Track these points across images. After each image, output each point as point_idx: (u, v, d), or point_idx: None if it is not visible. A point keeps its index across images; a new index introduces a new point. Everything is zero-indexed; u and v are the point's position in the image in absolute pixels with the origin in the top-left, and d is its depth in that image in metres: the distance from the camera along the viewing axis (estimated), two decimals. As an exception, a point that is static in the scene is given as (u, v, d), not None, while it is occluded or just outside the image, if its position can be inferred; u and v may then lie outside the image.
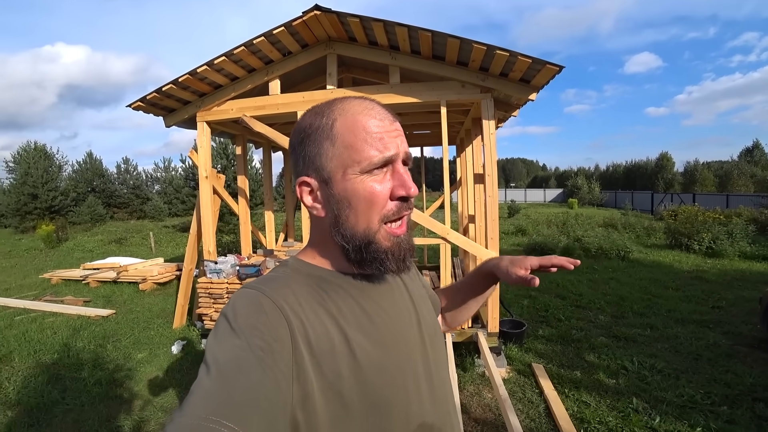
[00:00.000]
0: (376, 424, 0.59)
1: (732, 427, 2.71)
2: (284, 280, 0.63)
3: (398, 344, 0.65)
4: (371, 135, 0.60)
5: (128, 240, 14.37)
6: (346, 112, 0.62)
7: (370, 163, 0.60)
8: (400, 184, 0.62)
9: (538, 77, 3.48)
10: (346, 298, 0.63)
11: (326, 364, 0.56)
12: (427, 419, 0.65)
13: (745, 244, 9.05)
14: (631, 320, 4.87)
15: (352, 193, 0.61)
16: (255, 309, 0.56)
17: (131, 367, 3.91)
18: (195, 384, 0.49)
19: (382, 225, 0.62)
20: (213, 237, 4.55)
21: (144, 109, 4.22)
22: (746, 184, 27.42)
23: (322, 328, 0.58)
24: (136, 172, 26.75)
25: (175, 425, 0.44)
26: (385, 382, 0.60)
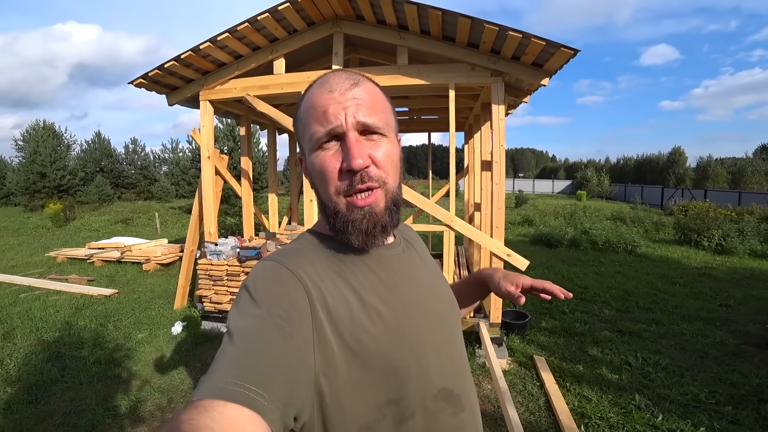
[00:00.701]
0: (396, 387, 0.60)
1: (736, 428, 2.64)
2: (302, 251, 0.65)
3: (416, 312, 0.66)
4: (316, 110, 0.62)
5: (134, 220, 14.45)
6: (309, 90, 0.65)
7: (316, 138, 0.62)
8: (344, 157, 0.61)
9: (551, 61, 3.34)
10: (362, 267, 0.65)
11: (346, 330, 0.58)
12: (448, 385, 0.67)
13: (756, 243, 8.85)
14: (637, 315, 4.78)
15: (312, 169, 0.65)
16: (274, 280, 0.58)
17: (131, 347, 3.91)
18: (219, 352, 0.51)
19: (343, 197, 0.62)
20: (214, 218, 4.51)
21: (146, 86, 4.14)
22: (760, 182, 26.92)
23: (340, 296, 0.60)
24: (144, 152, 26.85)
25: (202, 389, 0.46)
26: (405, 346, 0.62)
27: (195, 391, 0.46)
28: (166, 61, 3.83)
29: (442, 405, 0.65)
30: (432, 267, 0.79)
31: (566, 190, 41.69)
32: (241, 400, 0.45)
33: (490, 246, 3.66)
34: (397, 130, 0.70)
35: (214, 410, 0.43)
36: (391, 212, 0.65)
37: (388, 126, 0.65)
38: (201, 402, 0.44)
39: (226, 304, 4.17)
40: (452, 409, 0.67)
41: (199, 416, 0.42)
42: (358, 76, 0.65)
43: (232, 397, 0.44)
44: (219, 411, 0.43)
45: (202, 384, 0.47)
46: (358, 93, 0.63)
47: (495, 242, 3.65)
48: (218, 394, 0.45)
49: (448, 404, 0.66)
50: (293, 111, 0.66)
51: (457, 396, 0.68)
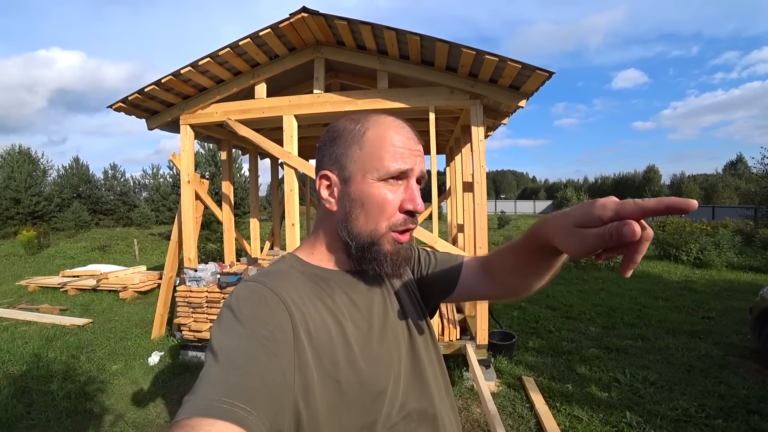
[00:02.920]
0: (372, 411, 0.61)
1: None
2: (284, 273, 0.67)
3: (387, 337, 0.68)
4: (395, 148, 0.66)
5: (112, 247, 14.05)
6: (380, 124, 0.68)
7: (388, 172, 0.65)
8: (410, 198, 0.66)
9: (527, 83, 3.44)
10: (340, 293, 0.67)
11: (325, 354, 0.59)
12: (421, 406, 0.68)
13: (732, 255, 9.12)
14: (622, 331, 4.80)
15: (367, 196, 0.66)
16: (258, 300, 0.59)
17: (104, 379, 3.71)
18: (203, 372, 0.50)
19: (389, 231, 0.66)
20: (194, 244, 4.40)
21: (126, 111, 4.09)
22: (731, 197, 27.96)
23: (321, 320, 0.61)
24: (123, 178, 26.32)
25: (188, 408, 0.45)
26: (378, 371, 0.63)
27: (180, 411, 0.45)
28: (146, 86, 3.81)
29: (413, 426, 0.66)
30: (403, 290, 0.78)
31: (547, 209, 42.44)
32: (230, 417, 0.43)
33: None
34: None
35: (201, 429, 0.41)
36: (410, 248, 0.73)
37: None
38: (187, 421, 0.43)
39: (206, 332, 4.03)
40: (425, 429, 0.67)
41: None
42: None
43: (220, 415, 0.43)
44: (207, 430, 0.41)
45: (187, 403, 0.45)
46: (421, 148, 0.71)
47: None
48: (205, 412, 0.43)
49: (422, 425, 0.67)
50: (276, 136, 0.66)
51: (432, 416, 0.68)
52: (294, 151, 3.92)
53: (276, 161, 6.87)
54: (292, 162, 3.90)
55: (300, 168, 3.94)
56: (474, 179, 3.75)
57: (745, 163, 37.66)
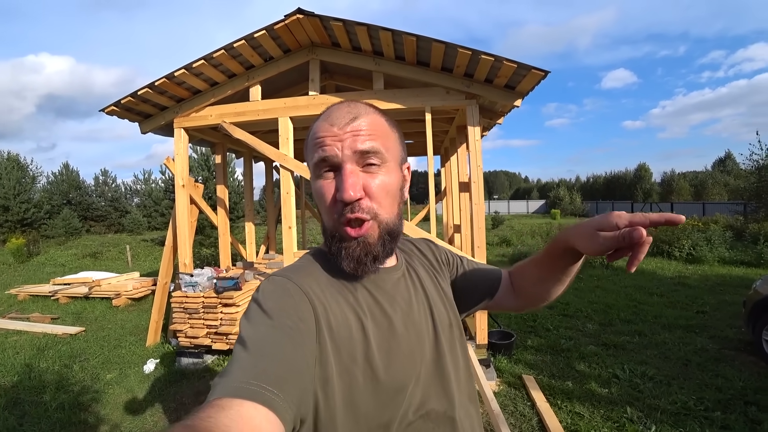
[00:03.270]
0: (389, 409, 0.61)
1: None
2: (307, 268, 0.68)
3: (410, 336, 0.67)
4: (316, 139, 0.65)
5: (104, 254, 13.86)
6: (315, 121, 0.68)
7: (313, 165, 0.66)
8: (336, 187, 0.63)
9: (523, 83, 3.46)
10: (362, 289, 0.68)
11: (344, 348, 0.60)
12: (436, 407, 0.67)
13: (724, 250, 9.24)
14: (619, 327, 4.83)
15: (314, 193, 0.67)
16: (283, 293, 0.61)
17: (98, 388, 3.65)
18: (232, 359, 0.53)
19: (341, 225, 0.64)
20: (189, 249, 4.35)
21: (118, 114, 4.04)
22: (720, 193, 28.37)
23: (342, 315, 0.62)
24: (114, 184, 26.04)
25: (218, 389, 0.47)
26: (397, 369, 0.63)
27: (211, 392, 0.47)
28: (139, 88, 3.77)
29: (430, 426, 0.65)
30: (432, 287, 0.78)
31: (540, 209, 42.72)
32: (258, 398, 0.46)
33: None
34: (402, 159, 0.71)
35: (231, 409, 0.44)
36: (385, 242, 0.66)
37: (389, 152, 0.66)
38: (218, 401, 0.45)
39: (203, 338, 3.98)
40: (442, 430, 0.67)
41: (216, 414, 0.42)
42: (359, 109, 0.66)
43: (248, 396, 0.46)
44: (236, 410, 0.44)
45: (217, 385, 0.48)
46: (358, 124, 0.64)
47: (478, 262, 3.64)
48: (235, 393, 0.46)
49: (438, 426, 0.66)
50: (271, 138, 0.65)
51: (449, 418, 0.68)
52: (290, 153, 3.90)
53: (271, 164, 6.84)
54: (288, 164, 3.88)
55: (296, 170, 3.92)
56: (471, 179, 3.76)
57: (734, 159, 38.26)
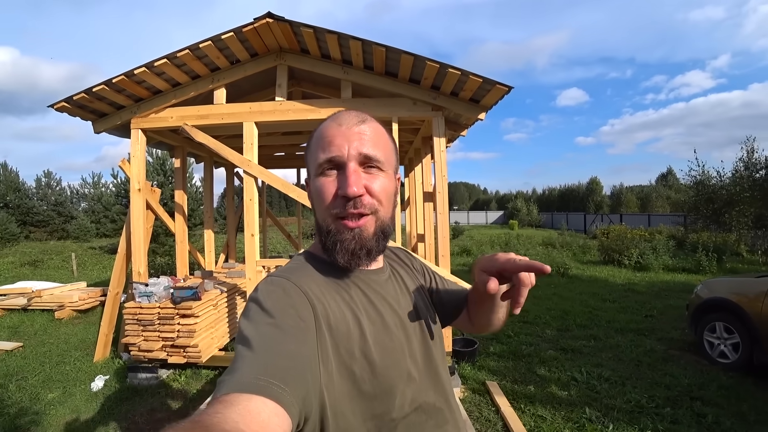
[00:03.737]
0: (383, 401, 0.63)
1: (677, 427, 2.85)
2: (303, 269, 0.70)
3: (399, 332, 0.70)
4: (323, 139, 0.68)
5: (45, 262, 12.86)
6: (323, 123, 0.71)
7: (318, 164, 0.68)
8: (340, 184, 0.66)
9: (487, 97, 3.57)
10: (355, 288, 0.70)
11: (342, 344, 0.62)
12: (429, 399, 0.71)
13: (667, 258, 9.95)
14: (576, 332, 5.05)
15: (313, 191, 0.70)
16: (283, 293, 0.62)
17: (39, 409, 3.35)
18: (235, 357, 0.53)
19: (337, 220, 0.67)
20: (144, 257, 4.12)
21: (69, 111, 3.79)
22: (663, 205, 30.49)
23: (340, 313, 0.64)
24: (59, 187, 24.26)
25: (225, 386, 0.47)
26: (391, 363, 0.66)
27: (217, 389, 0.48)
28: (94, 85, 3.56)
29: (423, 418, 0.69)
30: (416, 290, 0.82)
31: (499, 220, 44.00)
32: (266, 392, 0.46)
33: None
34: (397, 169, 0.76)
35: (239, 404, 0.44)
36: (379, 239, 0.69)
37: (387, 162, 0.70)
38: (225, 397, 0.45)
39: (158, 352, 3.76)
40: (435, 422, 0.70)
41: (224, 410, 0.43)
42: (366, 116, 0.71)
43: (256, 390, 0.46)
44: (244, 405, 0.44)
45: (223, 382, 0.48)
46: (364, 129, 0.68)
47: (442, 270, 3.70)
48: (242, 389, 0.46)
49: (431, 417, 0.70)
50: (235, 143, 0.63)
51: (439, 410, 0.72)
52: (254, 159, 3.81)
53: (232, 170, 6.64)
54: (253, 170, 3.79)
55: (260, 176, 3.83)
56: (435, 189, 3.82)
57: (675, 175, 41.31)
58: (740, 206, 11.71)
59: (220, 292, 4.32)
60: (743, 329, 3.73)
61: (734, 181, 12.20)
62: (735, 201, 11.86)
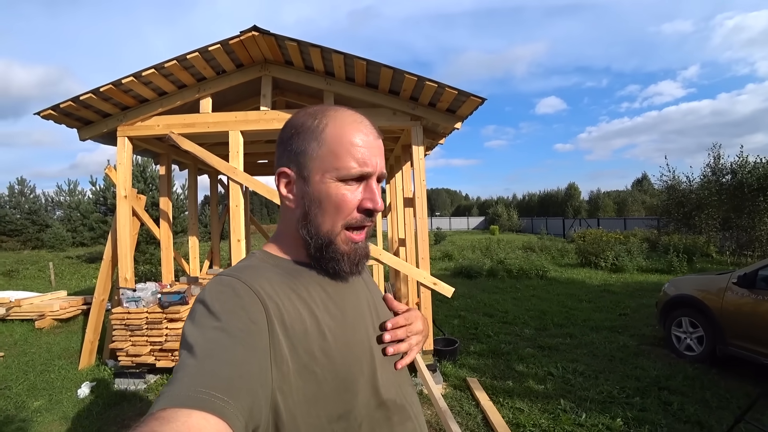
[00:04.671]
0: (346, 401, 0.62)
1: (644, 414, 3.06)
2: (256, 267, 0.66)
3: (361, 327, 0.69)
4: (355, 147, 0.65)
5: (20, 272, 12.53)
6: (338, 120, 0.66)
7: (348, 173, 0.64)
8: (369, 197, 0.66)
9: (463, 108, 3.76)
10: (314, 285, 0.67)
11: (300, 345, 0.59)
12: (391, 396, 0.69)
13: (641, 260, 10.36)
14: (553, 331, 5.26)
15: (325, 195, 0.65)
16: (231, 293, 0.58)
17: (25, 417, 3.34)
18: (178, 366, 0.50)
19: (344, 230, 0.66)
20: (130, 263, 4.15)
21: (55, 119, 3.83)
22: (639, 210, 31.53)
23: (295, 312, 0.61)
24: (33, 195, 23.58)
25: (164, 399, 0.44)
26: (353, 360, 0.64)
27: (155, 403, 0.44)
28: (81, 93, 3.61)
29: (387, 414, 0.67)
30: (373, 287, 0.82)
31: (480, 225, 44.64)
32: (207, 407, 0.43)
33: (417, 276, 3.85)
34: None
35: (177, 420, 0.41)
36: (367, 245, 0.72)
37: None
38: (163, 413, 0.42)
39: (146, 356, 3.79)
40: (398, 417, 0.69)
41: (160, 427, 0.39)
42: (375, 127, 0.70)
43: (197, 405, 0.43)
44: (183, 421, 0.41)
45: (163, 395, 0.45)
46: (381, 144, 0.70)
47: (422, 272, 3.85)
48: (182, 403, 0.43)
49: (394, 413, 0.68)
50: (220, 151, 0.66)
51: (401, 406, 0.70)
52: (240, 166, 3.91)
53: (215, 177, 6.70)
54: (238, 177, 3.88)
55: (246, 183, 3.92)
56: (415, 195, 3.99)
57: (649, 180, 42.68)
58: (708, 209, 12.23)
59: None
60: (706, 323, 3.98)
61: (703, 185, 12.75)
62: (704, 204, 12.38)
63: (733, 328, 3.72)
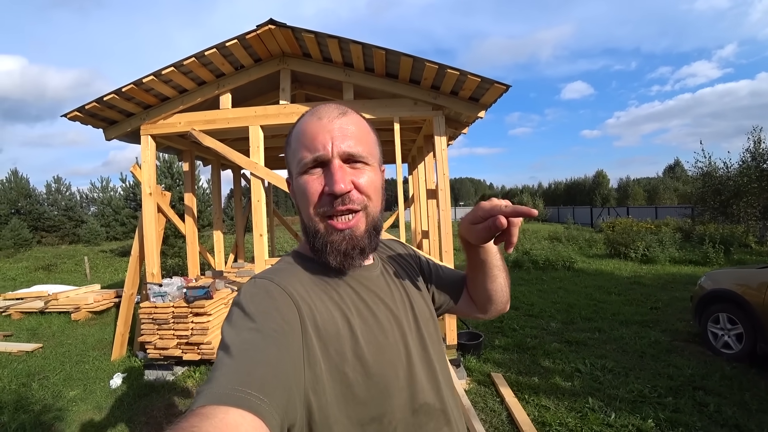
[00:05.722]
0: (379, 404, 0.62)
1: (678, 416, 2.91)
2: (289, 270, 0.68)
3: (394, 329, 0.69)
4: (305, 136, 0.66)
5: (59, 266, 13.13)
6: (304, 116, 0.69)
7: (303, 163, 0.66)
8: (327, 182, 0.65)
9: (486, 96, 3.64)
10: (345, 287, 0.68)
11: (332, 346, 0.60)
12: (428, 400, 0.68)
13: (674, 251, 9.92)
14: (581, 325, 5.10)
15: (297, 191, 0.68)
16: (266, 295, 0.60)
17: (62, 406, 3.50)
18: (215, 365, 0.51)
19: (325, 220, 0.66)
20: (157, 258, 4.25)
21: (82, 120, 3.93)
22: (671, 198, 30.30)
23: (327, 314, 0.62)
24: (69, 192, 24.63)
25: (202, 397, 0.45)
26: (385, 362, 0.64)
27: (194, 401, 0.46)
28: (105, 94, 3.68)
29: (423, 420, 0.66)
30: (410, 284, 0.80)
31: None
32: (244, 404, 0.45)
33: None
34: (381, 161, 0.73)
35: (216, 417, 0.42)
36: (371, 236, 0.68)
37: (371, 156, 0.68)
38: (202, 409, 0.43)
39: (173, 349, 3.90)
40: (434, 423, 0.67)
41: (200, 423, 0.41)
42: (346, 108, 0.69)
43: (234, 402, 0.44)
44: (221, 418, 0.42)
45: (201, 393, 0.46)
46: (345, 122, 0.66)
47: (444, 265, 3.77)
48: (220, 400, 0.44)
49: (430, 419, 0.67)
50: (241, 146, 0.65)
51: (438, 410, 0.68)
52: (261, 161, 3.92)
53: (239, 172, 6.77)
54: (259, 173, 3.89)
55: (267, 178, 3.94)
56: (438, 186, 3.90)
57: (682, 166, 40.95)
58: (748, 197, 11.61)
59: (230, 291, 4.45)
60: (746, 320, 3.76)
61: (741, 172, 12.09)
62: (742, 192, 11.76)
63: (776, 326, 3.51)
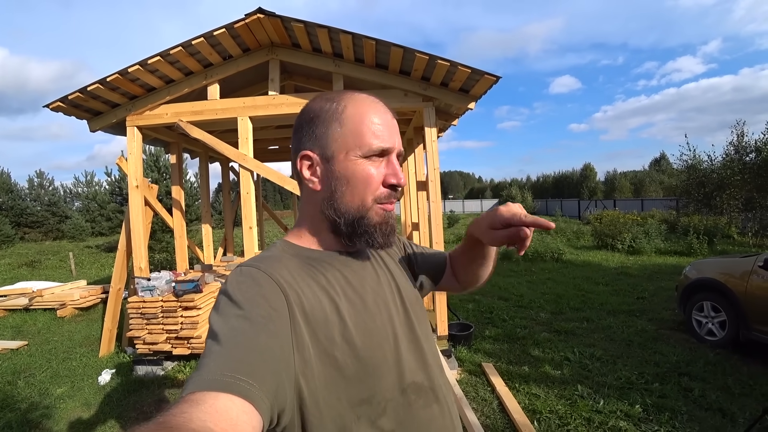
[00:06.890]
0: (368, 385, 0.63)
1: (664, 401, 2.98)
2: (276, 257, 0.68)
3: (381, 312, 0.70)
4: (375, 125, 0.68)
5: (43, 263, 12.86)
6: (356, 101, 0.70)
7: (370, 149, 0.67)
8: (392, 173, 0.69)
9: (476, 87, 3.64)
10: (333, 271, 0.69)
11: (321, 331, 0.61)
12: (417, 379, 0.70)
13: (660, 242, 10.13)
14: (569, 315, 5.19)
15: (352, 173, 0.67)
16: (252, 283, 0.60)
17: (49, 404, 3.43)
18: (204, 353, 0.52)
19: (375, 204, 0.69)
20: (145, 252, 4.19)
21: (65, 111, 3.82)
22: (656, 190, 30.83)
23: (315, 299, 0.63)
24: (52, 187, 24.05)
25: (191, 384, 0.46)
26: (374, 345, 0.65)
27: (184, 387, 0.46)
28: (89, 84, 3.59)
29: (413, 398, 0.67)
30: (395, 265, 0.82)
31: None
32: (233, 389, 0.45)
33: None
34: None
35: (206, 402, 0.43)
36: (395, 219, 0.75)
37: None
38: (192, 396, 0.44)
39: (163, 344, 3.85)
40: (423, 401, 0.69)
41: (190, 409, 0.42)
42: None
43: (223, 388, 0.45)
44: (210, 403, 0.43)
45: (190, 380, 0.47)
46: (397, 124, 0.72)
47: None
48: (209, 386, 0.45)
49: (419, 396, 0.68)
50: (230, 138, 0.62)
51: (427, 388, 0.70)
52: (249, 153, 3.87)
53: (227, 165, 6.69)
54: (248, 164, 3.85)
55: (256, 170, 3.89)
56: (428, 178, 3.90)
57: (668, 160, 41.57)
58: (731, 189, 11.87)
59: (220, 284, 4.41)
60: (729, 307, 3.87)
61: (725, 164, 12.34)
62: (726, 184, 12.01)
63: (757, 313, 3.61)
